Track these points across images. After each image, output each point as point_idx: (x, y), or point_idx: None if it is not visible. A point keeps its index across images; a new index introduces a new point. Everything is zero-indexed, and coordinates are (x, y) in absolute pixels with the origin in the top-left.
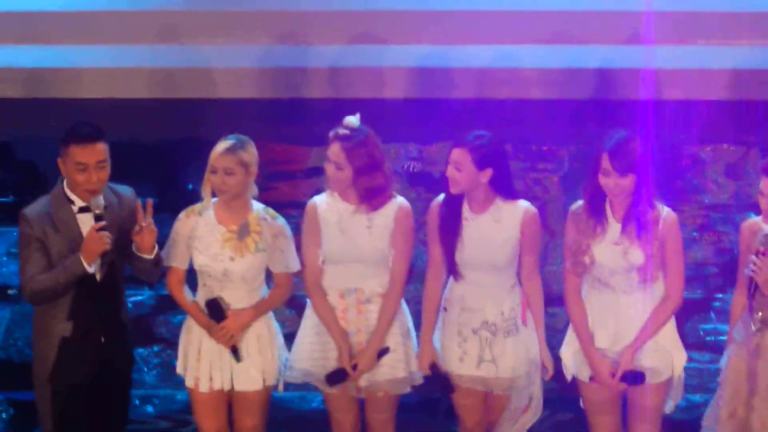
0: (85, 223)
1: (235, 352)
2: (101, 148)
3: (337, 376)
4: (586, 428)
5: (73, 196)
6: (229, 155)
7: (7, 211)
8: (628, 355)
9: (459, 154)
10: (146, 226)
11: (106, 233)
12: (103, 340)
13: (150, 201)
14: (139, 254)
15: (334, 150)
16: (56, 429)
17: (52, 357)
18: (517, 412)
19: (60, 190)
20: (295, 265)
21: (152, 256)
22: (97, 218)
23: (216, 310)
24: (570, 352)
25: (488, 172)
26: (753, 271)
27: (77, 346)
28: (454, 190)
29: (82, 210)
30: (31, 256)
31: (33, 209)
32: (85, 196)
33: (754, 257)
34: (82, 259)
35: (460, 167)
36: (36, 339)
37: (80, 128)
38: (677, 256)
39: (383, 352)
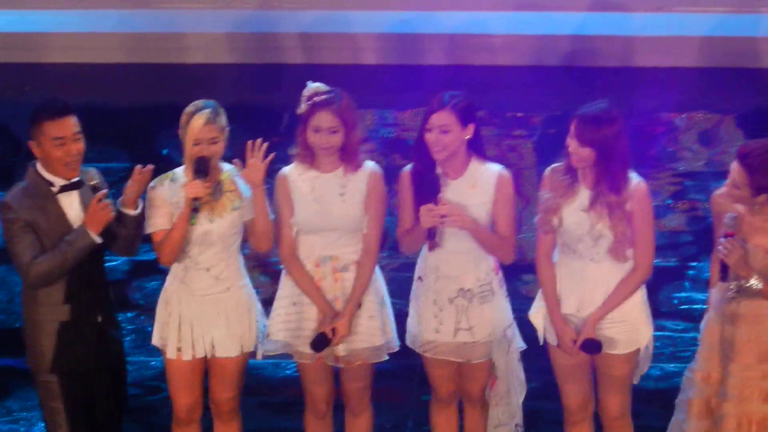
0: (69, 202)
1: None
2: (74, 121)
3: (321, 342)
4: (552, 397)
5: (51, 177)
6: (211, 125)
7: None
8: (590, 323)
9: (443, 117)
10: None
11: (109, 201)
12: (100, 320)
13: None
14: (123, 210)
15: (324, 117)
16: (69, 416)
17: (50, 344)
18: (488, 390)
19: (34, 173)
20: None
21: (137, 211)
22: (95, 189)
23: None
24: (540, 315)
25: (471, 128)
26: (723, 253)
27: (76, 329)
28: (441, 156)
29: (64, 189)
30: (24, 240)
31: (13, 195)
32: (66, 173)
33: (722, 239)
34: (88, 231)
35: (447, 129)
36: (29, 328)
37: (51, 104)
38: (646, 228)
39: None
